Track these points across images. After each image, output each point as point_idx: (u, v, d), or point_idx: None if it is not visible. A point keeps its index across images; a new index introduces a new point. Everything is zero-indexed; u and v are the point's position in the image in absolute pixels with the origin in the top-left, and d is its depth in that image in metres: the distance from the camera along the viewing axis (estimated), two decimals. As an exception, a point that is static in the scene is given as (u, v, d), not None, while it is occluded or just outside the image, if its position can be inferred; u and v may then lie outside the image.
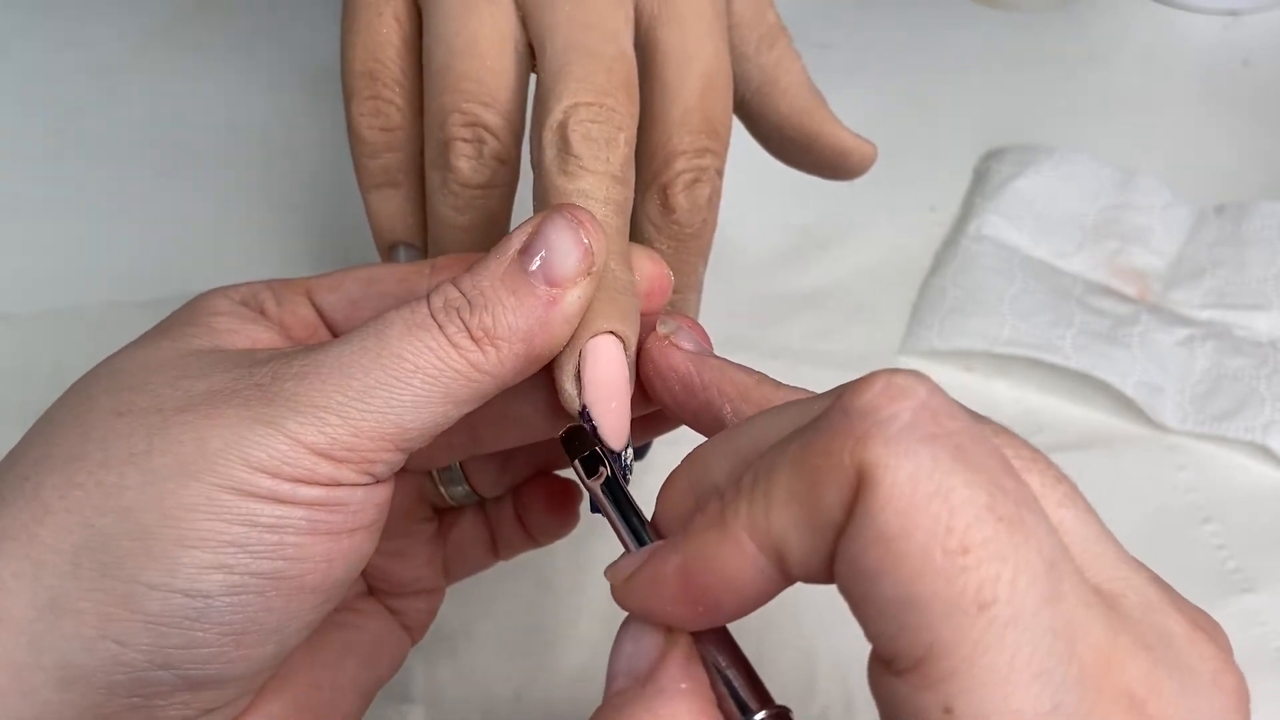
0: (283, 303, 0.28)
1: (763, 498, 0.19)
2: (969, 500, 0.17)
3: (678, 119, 0.30)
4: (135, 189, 0.53)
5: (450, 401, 0.24)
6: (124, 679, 0.22)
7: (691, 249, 0.31)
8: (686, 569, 0.20)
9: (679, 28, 0.30)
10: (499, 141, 0.30)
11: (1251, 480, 0.43)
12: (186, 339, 0.26)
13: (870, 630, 0.18)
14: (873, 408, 0.18)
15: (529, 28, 0.30)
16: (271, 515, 0.22)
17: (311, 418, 0.23)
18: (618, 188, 0.27)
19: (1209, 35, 0.61)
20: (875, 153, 0.35)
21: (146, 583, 0.22)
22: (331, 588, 0.24)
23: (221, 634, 0.23)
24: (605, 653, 0.38)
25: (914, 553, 0.17)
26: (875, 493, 0.17)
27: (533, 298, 0.24)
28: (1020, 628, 0.17)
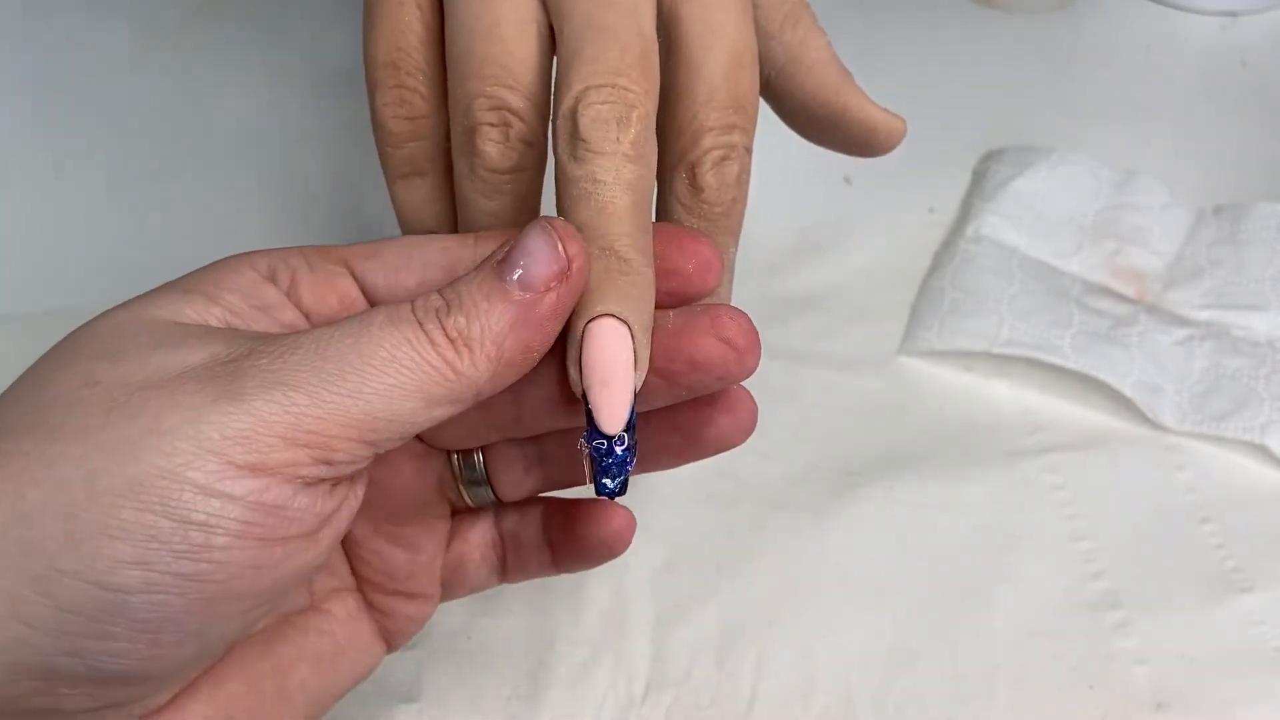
0: (316, 269, 0.27)
1: None
2: None
3: (704, 96, 0.29)
4: (136, 189, 0.53)
5: (423, 398, 0.23)
6: (30, 662, 0.22)
7: (722, 228, 0.30)
8: None
9: (702, 3, 0.30)
10: (525, 124, 0.29)
11: (1251, 480, 0.43)
12: (178, 308, 0.25)
13: None
14: None
15: (549, 8, 0.29)
16: (203, 511, 0.22)
17: (279, 394, 0.22)
18: (629, 166, 0.27)
19: (1207, 36, 0.61)
20: (904, 127, 0.35)
21: (60, 568, 0.21)
22: (260, 595, 0.23)
23: (135, 631, 0.22)
24: (605, 653, 0.38)
25: None
26: None
27: (504, 302, 0.24)
28: None
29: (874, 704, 0.37)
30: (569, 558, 0.32)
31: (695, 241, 0.28)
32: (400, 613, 0.31)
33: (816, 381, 0.26)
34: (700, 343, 0.27)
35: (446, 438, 0.29)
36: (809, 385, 0.27)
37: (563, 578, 0.40)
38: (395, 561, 0.31)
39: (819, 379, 0.26)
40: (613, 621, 0.39)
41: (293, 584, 0.24)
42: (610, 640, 0.39)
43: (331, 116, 0.56)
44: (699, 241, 0.28)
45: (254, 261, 0.27)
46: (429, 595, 0.32)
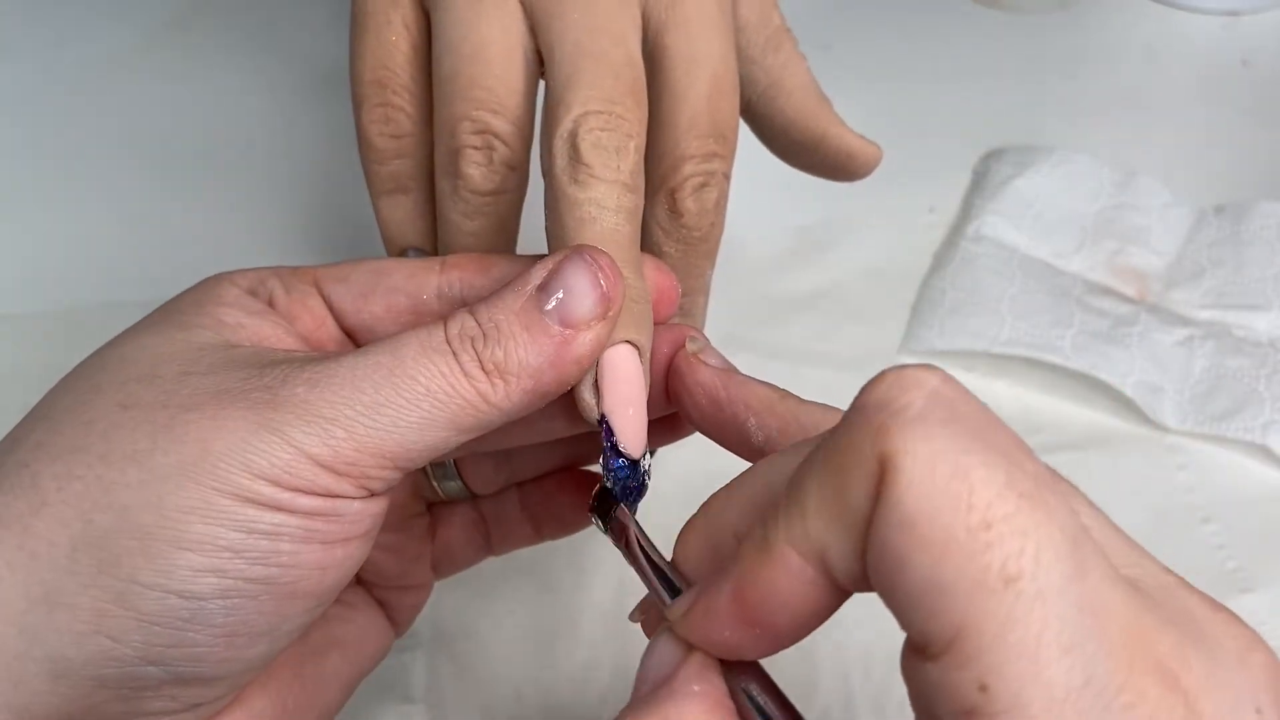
0: (291, 291, 0.28)
1: (798, 508, 0.19)
2: (987, 479, 0.17)
3: (685, 123, 0.30)
4: (135, 189, 0.53)
5: (454, 428, 0.24)
6: (114, 673, 0.23)
7: (699, 252, 0.31)
8: (739, 593, 0.20)
9: (686, 32, 0.30)
10: (509, 148, 0.30)
11: (1251, 480, 0.43)
12: (194, 330, 0.26)
13: (903, 619, 0.18)
14: (887, 399, 0.18)
15: (537, 34, 0.30)
16: (268, 523, 0.23)
17: (318, 429, 0.23)
18: (629, 195, 0.27)
19: (1209, 35, 0.61)
20: (880, 155, 0.36)
21: (142, 582, 0.22)
22: (324, 593, 0.25)
23: (213, 635, 0.23)
24: (606, 652, 0.38)
25: (937, 533, 0.17)
26: (897, 478, 0.17)
27: (545, 337, 0.24)
28: (1047, 603, 0.17)
29: (874, 704, 0.37)
30: (551, 526, 0.33)
31: (659, 272, 0.29)
32: (400, 603, 0.32)
33: (816, 381, 0.26)
34: None
35: None
36: (809, 385, 0.27)
37: (562, 578, 0.40)
38: (385, 565, 0.31)
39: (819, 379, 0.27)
40: (614, 622, 0.39)
41: (349, 578, 0.25)
42: (611, 641, 0.39)
43: (327, 119, 0.56)
44: (662, 271, 0.29)
45: (235, 279, 0.28)
46: (423, 584, 0.33)
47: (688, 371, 0.27)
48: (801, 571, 0.19)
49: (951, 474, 0.17)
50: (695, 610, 0.21)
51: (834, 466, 0.19)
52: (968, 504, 0.17)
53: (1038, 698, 0.17)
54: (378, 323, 0.28)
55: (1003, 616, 0.17)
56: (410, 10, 0.32)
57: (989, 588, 0.17)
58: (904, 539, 0.17)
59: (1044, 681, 0.17)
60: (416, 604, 0.33)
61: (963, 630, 0.17)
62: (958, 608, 0.17)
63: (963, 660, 0.17)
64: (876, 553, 0.18)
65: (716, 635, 0.21)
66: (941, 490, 0.17)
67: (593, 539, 0.40)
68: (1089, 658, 0.17)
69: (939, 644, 0.17)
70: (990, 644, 0.17)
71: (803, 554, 0.19)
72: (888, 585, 0.18)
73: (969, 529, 0.17)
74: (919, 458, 0.17)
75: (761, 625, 0.20)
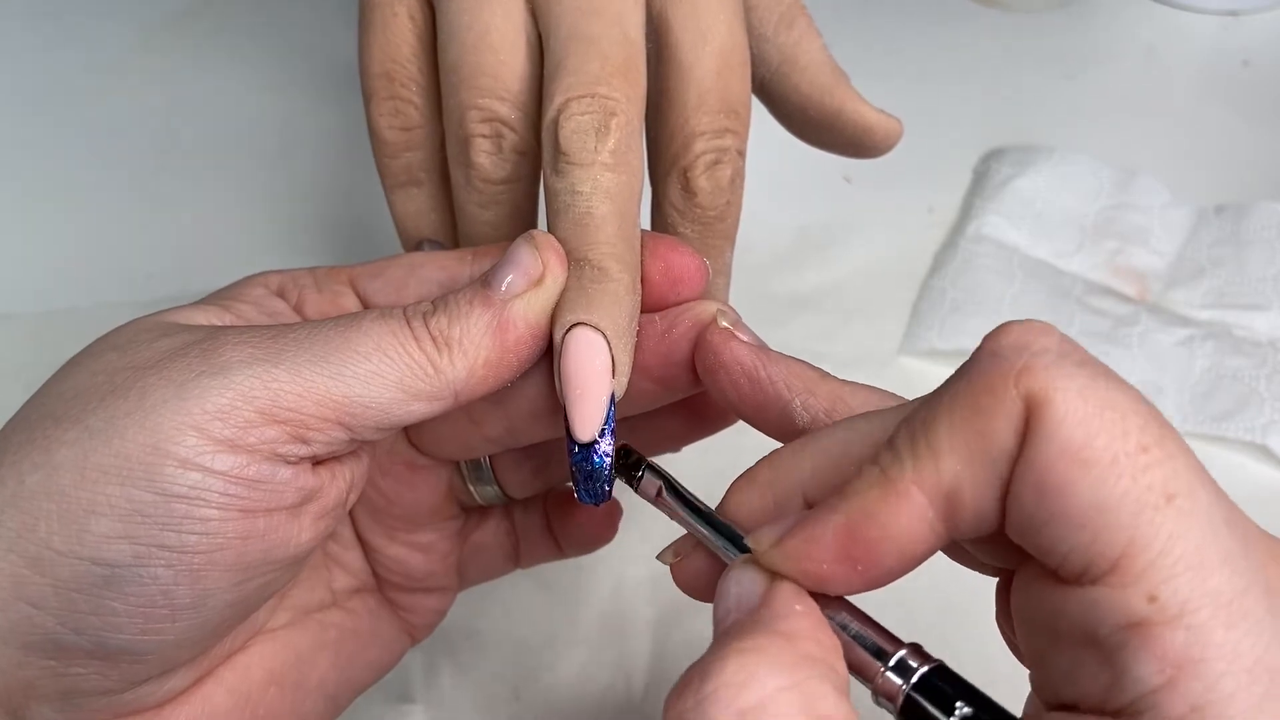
0: (324, 289, 0.28)
1: (927, 449, 0.20)
2: (1134, 409, 0.19)
3: (695, 100, 0.29)
4: (136, 189, 0.53)
5: (401, 389, 0.24)
6: (38, 640, 0.22)
7: (717, 232, 0.30)
8: (850, 528, 0.20)
9: (692, 7, 0.30)
10: (517, 135, 0.30)
11: (1251, 480, 0.43)
12: (192, 314, 0.26)
13: (1060, 547, 0.19)
14: (1024, 343, 0.20)
15: (538, 18, 0.29)
16: (185, 483, 0.22)
17: (261, 370, 0.23)
18: (607, 175, 0.27)
19: (1209, 35, 0.61)
20: (900, 129, 0.35)
21: (55, 548, 0.22)
22: (249, 568, 0.24)
23: (131, 604, 0.22)
24: (605, 652, 0.38)
25: (1100, 457, 0.18)
26: (1050, 411, 0.19)
27: (483, 307, 0.25)
28: (1202, 518, 0.18)
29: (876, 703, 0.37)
30: (569, 544, 0.33)
31: (674, 251, 0.28)
32: (422, 606, 0.32)
33: (817, 381, 0.26)
34: None
35: (448, 451, 0.30)
36: (809, 385, 0.27)
37: (563, 579, 0.40)
38: (413, 564, 0.31)
39: (819, 379, 0.26)
40: (613, 621, 0.39)
41: (281, 560, 0.24)
42: (610, 640, 0.39)
43: (333, 116, 0.56)
44: (679, 250, 0.28)
45: (266, 280, 0.28)
46: (447, 587, 0.33)
47: (722, 348, 0.26)
48: (923, 511, 0.20)
49: (1104, 404, 0.18)
50: (794, 541, 0.21)
51: (972, 407, 0.19)
52: (1123, 430, 0.18)
53: (1206, 604, 0.18)
54: None
55: (1168, 531, 0.18)
56: (415, 1, 0.31)
57: (1153, 505, 0.18)
58: (1066, 465, 0.18)
59: (1210, 589, 0.18)
60: (439, 609, 0.33)
61: (1130, 547, 0.18)
62: (1124, 525, 0.18)
63: (1131, 576, 0.18)
64: (1032, 485, 0.19)
65: (814, 567, 0.21)
66: (1097, 418, 0.18)
67: (592, 539, 0.40)
68: (1244, 568, 0.18)
69: (1104, 563, 0.18)
70: (1157, 558, 0.18)
71: (929, 493, 0.20)
72: (1043, 515, 0.19)
73: (1128, 453, 0.18)
74: (1070, 392, 0.19)
75: (865, 561, 0.21)
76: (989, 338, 0.20)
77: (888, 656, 0.21)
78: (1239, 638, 0.18)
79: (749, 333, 0.26)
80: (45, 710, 0.23)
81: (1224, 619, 0.18)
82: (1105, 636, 0.18)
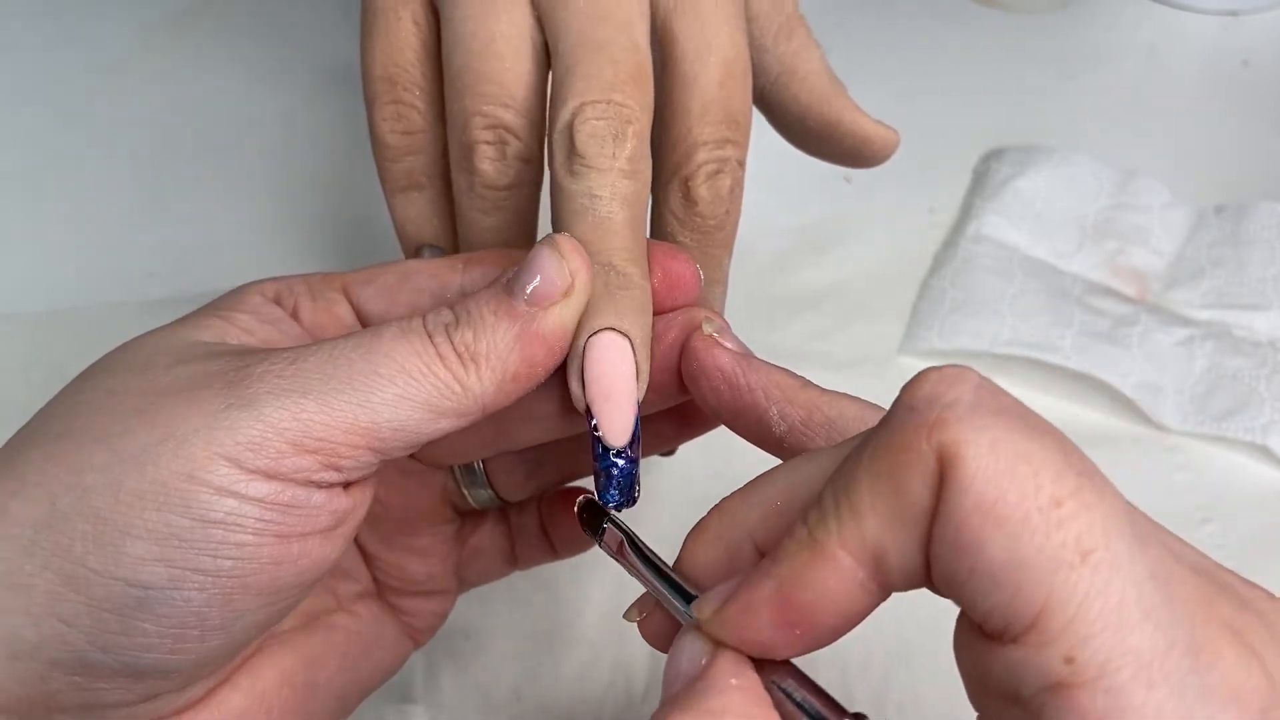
0: (317, 297, 0.28)
1: (849, 510, 0.19)
2: (1048, 460, 0.18)
3: (698, 111, 0.29)
4: (136, 188, 0.53)
5: (429, 409, 0.24)
6: (66, 657, 0.23)
7: (715, 241, 0.31)
8: (783, 595, 0.20)
9: (696, 18, 0.30)
10: (521, 142, 0.30)
11: (1251, 480, 0.43)
12: (199, 329, 0.26)
13: (979, 604, 0.18)
14: (935, 395, 0.19)
15: (544, 25, 0.29)
16: (221, 510, 0.22)
17: (289, 401, 0.23)
18: (624, 181, 0.27)
19: (1209, 35, 0.61)
20: (897, 139, 0.35)
21: (91, 568, 0.22)
22: (280, 590, 0.24)
23: (163, 625, 0.23)
24: (605, 652, 0.38)
25: (1012, 514, 0.18)
26: (962, 467, 0.18)
27: (510, 318, 0.25)
28: (1122, 573, 0.17)
29: (874, 704, 0.37)
30: (563, 545, 0.33)
31: (672, 258, 0.28)
32: (422, 610, 0.32)
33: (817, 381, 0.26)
34: None
35: (439, 456, 0.30)
36: (809, 385, 0.27)
37: (562, 578, 0.40)
38: (411, 569, 0.31)
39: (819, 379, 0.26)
40: (613, 621, 0.39)
41: (312, 579, 0.25)
42: (610, 640, 0.39)
43: (333, 115, 0.56)
44: (677, 258, 0.28)
45: (262, 288, 0.28)
46: (447, 590, 0.33)
47: (704, 354, 0.26)
48: (853, 573, 0.20)
49: (1016, 457, 0.18)
50: (731, 609, 0.21)
51: (888, 465, 0.19)
52: (1035, 484, 0.18)
53: (1125, 664, 0.17)
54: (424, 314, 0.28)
55: (1084, 589, 0.17)
56: (419, 7, 0.31)
57: (1068, 563, 0.17)
58: (979, 522, 0.18)
59: (1130, 648, 0.17)
60: (439, 612, 0.33)
61: (1047, 606, 0.17)
62: (1041, 583, 0.17)
63: (1048, 636, 0.17)
64: (948, 543, 0.18)
65: (753, 635, 0.21)
66: (1008, 472, 0.18)
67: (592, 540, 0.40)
68: (1167, 623, 0.18)
69: (1021, 623, 0.18)
70: (1075, 617, 0.17)
71: (855, 555, 0.19)
72: (962, 573, 0.18)
73: (1041, 508, 0.18)
74: (981, 445, 0.18)
75: (803, 626, 0.20)
76: (905, 389, 0.20)
77: None
78: (1161, 699, 0.17)
79: (735, 340, 0.27)
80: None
81: (1145, 679, 0.17)
82: (1028, 698, 0.18)
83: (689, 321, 0.27)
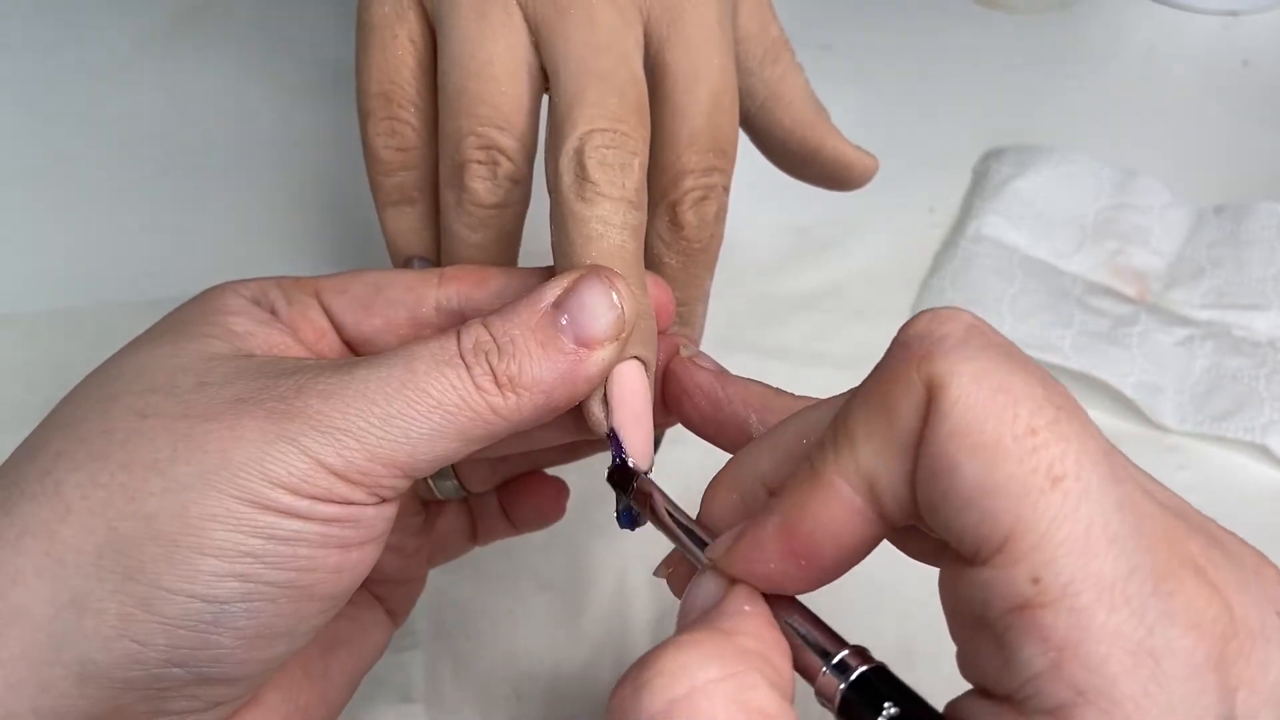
0: (293, 302, 0.28)
1: (846, 440, 0.20)
2: (1028, 392, 0.19)
3: (686, 139, 0.30)
4: (135, 189, 0.53)
5: (463, 439, 0.25)
6: (140, 675, 0.23)
7: (699, 262, 0.32)
8: (786, 524, 0.21)
9: (687, 49, 0.31)
10: (512, 163, 0.30)
11: (1251, 480, 0.43)
12: (207, 340, 0.26)
13: (954, 529, 0.19)
14: (927, 331, 0.20)
15: (542, 51, 0.30)
16: (288, 529, 0.23)
17: (331, 439, 0.23)
18: (633, 212, 0.28)
19: (1209, 35, 0.61)
20: (876, 165, 0.36)
21: (166, 587, 0.23)
22: (340, 595, 0.25)
23: (235, 637, 0.24)
24: (605, 652, 0.38)
25: (987, 440, 0.19)
26: (945, 395, 0.19)
27: (560, 354, 0.25)
28: (1091, 500, 0.18)
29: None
30: (522, 522, 0.35)
31: (655, 286, 0.29)
32: (399, 595, 0.33)
33: (817, 381, 0.27)
34: None
35: None
36: (809, 385, 0.27)
37: (562, 577, 0.40)
38: (387, 565, 0.32)
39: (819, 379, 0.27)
40: (613, 621, 0.39)
41: (362, 579, 0.26)
42: (611, 640, 0.39)
43: (332, 117, 0.56)
44: (659, 286, 0.30)
45: (238, 289, 0.28)
46: (419, 577, 0.34)
47: (684, 375, 0.28)
48: (850, 501, 0.20)
49: (997, 387, 0.19)
50: (741, 544, 0.22)
51: (880, 396, 0.20)
52: (1013, 413, 0.19)
53: (1088, 586, 0.18)
54: (378, 335, 0.28)
55: (1051, 514, 0.18)
56: (416, 25, 0.32)
57: (1038, 487, 0.18)
58: (955, 447, 0.19)
59: (1093, 571, 0.18)
60: (413, 595, 0.34)
61: (1014, 529, 0.18)
62: (1010, 508, 0.18)
63: (1015, 557, 0.18)
64: (928, 467, 0.19)
65: (761, 568, 0.22)
66: (988, 401, 0.19)
67: (593, 538, 0.40)
68: (1131, 550, 0.18)
69: (991, 545, 0.19)
70: (1041, 540, 0.18)
71: (852, 483, 0.20)
72: (939, 496, 0.19)
73: (1015, 435, 0.18)
74: (965, 375, 0.19)
75: (807, 557, 0.21)
76: (902, 328, 0.21)
77: (830, 657, 0.21)
78: (1120, 620, 0.18)
79: (709, 360, 0.28)
80: None
81: (1107, 601, 0.18)
82: (995, 619, 0.19)
83: (669, 348, 0.28)
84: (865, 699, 0.20)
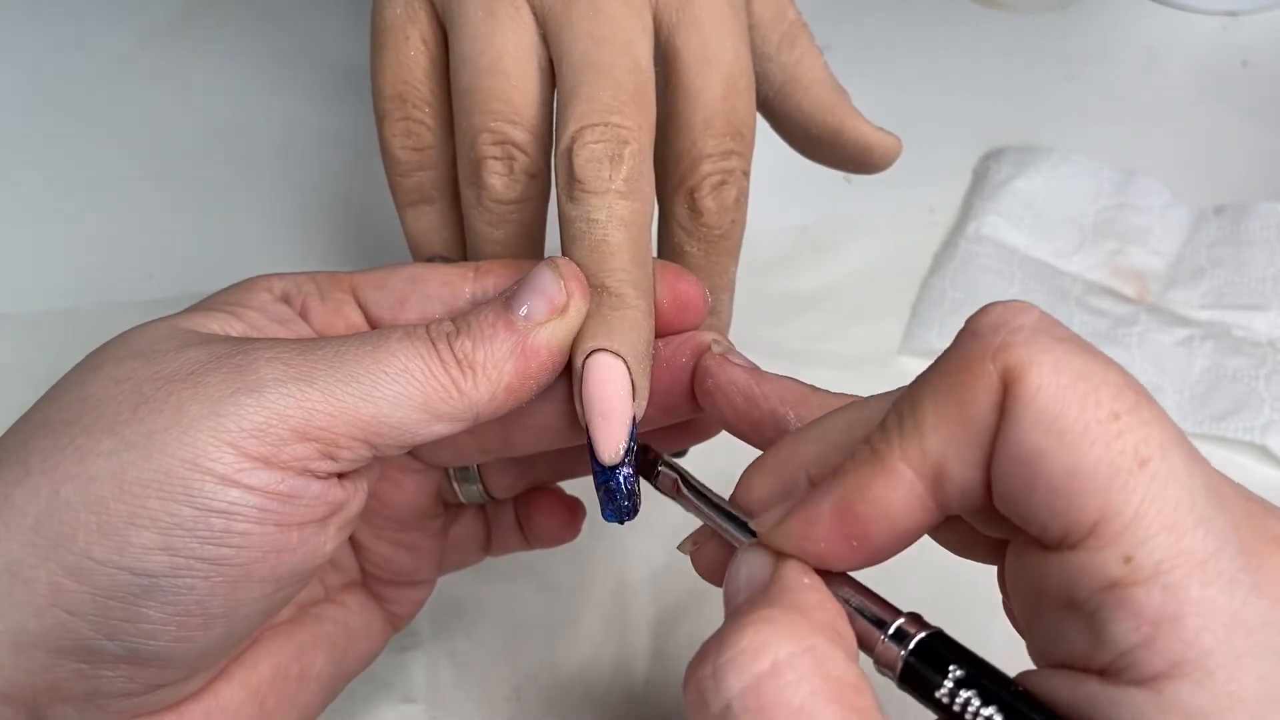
0: (326, 298, 0.28)
1: (913, 426, 0.21)
2: (1107, 379, 0.19)
3: (701, 123, 0.30)
4: (136, 189, 0.53)
5: (427, 411, 0.25)
6: (71, 645, 0.23)
7: (721, 249, 0.31)
8: (843, 505, 0.21)
9: (698, 32, 0.30)
10: (528, 157, 0.30)
11: (1251, 480, 0.42)
12: (207, 319, 0.26)
13: (1040, 515, 0.19)
14: (1001, 322, 0.20)
15: (549, 42, 0.30)
16: (224, 499, 0.23)
17: (295, 389, 0.23)
18: (622, 202, 0.28)
19: (1208, 35, 0.61)
20: (900, 146, 0.36)
21: (94, 558, 0.22)
22: (281, 579, 0.25)
23: (167, 614, 0.23)
24: (606, 651, 0.38)
25: (1073, 426, 0.19)
26: (1026, 385, 0.19)
27: (508, 332, 0.26)
28: (1177, 481, 0.19)
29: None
30: (536, 537, 0.34)
31: (681, 279, 0.29)
32: (405, 598, 0.33)
33: (816, 381, 0.27)
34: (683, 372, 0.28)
35: (443, 459, 0.31)
36: (810, 385, 0.27)
37: (562, 577, 0.40)
38: (400, 561, 0.32)
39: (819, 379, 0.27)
40: (614, 621, 0.39)
41: (309, 570, 0.25)
42: (611, 640, 0.39)
43: (333, 116, 0.56)
44: (685, 279, 0.29)
45: (269, 284, 0.29)
46: (428, 580, 0.34)
47: (718, 371, 0.27)
48: (912, 486, 0.21)
49: (1077, 375, 0.19)
50: (793, 520, 0.22)
51: (952, 384, 0.20)
52: (1095, 399, 0.19)
53: (1180, 563, 0.18)
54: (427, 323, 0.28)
55: (1141, 494, 0.19)
56: (428, 25, 0.32)
57: (1127, 470, 0.19)
58: (1041, 434, 0.19)
59: (1184, 549, 0.18)
60: (419, 600, 0.34)
61: (1105, 511, 0.19)
62: (1099, 490, 0.19)
63: (1107, 539, 0.19)
64: (1010, 455, 0.19)
65: (812, 545, 0.22)
66: (1070, 389, 0.19)
67: (592, 538, 0.40)
68: (1219, 528, 0.19)
69: (1080, 529, 0.19)
70: (1132, 521, 0.19)
71: (916, 468, 0.21)
72: (1022, 483, 0.19)
73: (1100, 420, 0.19)
74: (1044, 365, 0.19)
75: (859, 538, 0.21)
76: (971, 319, 0.21)
77: (887, 626, 0.21)
78: (1214, 594, 0.18)
79: (741, 357, 0.28)
80: (68, 711, 0.24)
81: (1199, 577, 0.18)
82: (1085, 599, 0.19)
83: (698, 345, 0.28)
84: (929, 664, 0.21)
